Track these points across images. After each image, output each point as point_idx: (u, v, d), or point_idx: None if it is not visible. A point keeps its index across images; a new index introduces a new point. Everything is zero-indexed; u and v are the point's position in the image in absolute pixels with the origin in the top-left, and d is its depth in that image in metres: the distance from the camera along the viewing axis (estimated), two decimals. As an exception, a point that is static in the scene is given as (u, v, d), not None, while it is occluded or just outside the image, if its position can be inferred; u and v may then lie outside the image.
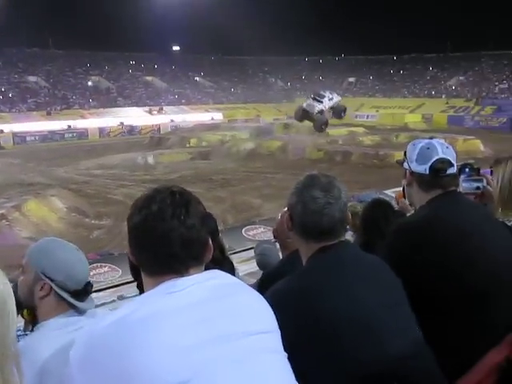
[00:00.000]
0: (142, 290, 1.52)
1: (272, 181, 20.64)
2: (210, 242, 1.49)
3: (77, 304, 1.95)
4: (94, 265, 8.47)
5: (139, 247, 1.43)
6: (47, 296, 1.93)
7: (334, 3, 75.52)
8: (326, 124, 30.91)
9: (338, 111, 32.49)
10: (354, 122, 47.48)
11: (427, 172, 2.31)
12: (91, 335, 1.33)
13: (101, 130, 46.57)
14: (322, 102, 32.07)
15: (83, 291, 1.97)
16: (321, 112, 31.64)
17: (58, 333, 1.85)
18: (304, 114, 32.23)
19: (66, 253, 1.98)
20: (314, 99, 32.69)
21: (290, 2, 72.59)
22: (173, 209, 1.40)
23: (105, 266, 8.39)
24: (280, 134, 35.40)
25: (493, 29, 64.74)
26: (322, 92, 34.29)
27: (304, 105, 32.88)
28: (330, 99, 32.76)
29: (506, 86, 60.08)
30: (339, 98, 34.45)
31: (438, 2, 70.56)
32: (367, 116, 56.17)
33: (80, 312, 1.97)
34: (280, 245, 3.20)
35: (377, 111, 58.27)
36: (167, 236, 1.38)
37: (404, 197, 2.66)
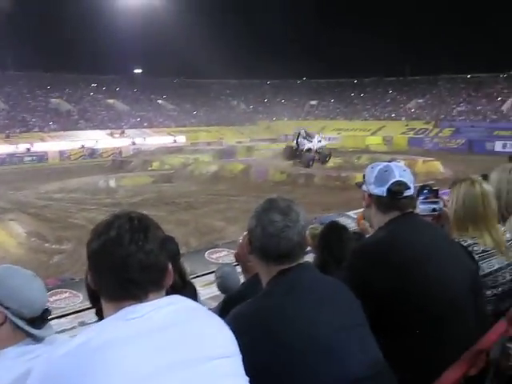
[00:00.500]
0: (100, 317, 1.51)
1: (235, 203, 20.60)
2: (170, 266, 1.48)
3: (34, 332, 1.91)
4: (55, 290, 8.29)
5: (98, 273, 1.43)
6: (2, 324, 1.89)
7: (295, 28, 76.65)
8: (313, 161, 31.64)
9: (323, 156, 33.04)
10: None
11: (385, 194, 2.36)
12: (48, 364, 1.30)
13: (61, 153, 45.71)
14: (311, 142, 33.04)
15: (40, 318, 1.94)
16: (309, 150, 32.44)
17: (14, 362, 1.81)
18: (293, 152, 32.91)
19: (20, 280, 1.95)
20: (305, 138, 33.62)
21: (251, 27, 73.46)
22: (131, 234, 1.40)
23: (65, 292, 8.22)
24: (243, 156, 35.54)
25: (449, 53, 66.69)
26: (312, 133, 35.45)
27: (295, 141, 33.80)
28: (318, 141, 33.68)
29: (464, 108, 61.70)
30: (326, 143, 35.39)
31: (396, 27, 72.37)
32: (329, 138, 56.75)
33: (38, 340, 1.93)
34: (242, 268, 3.20)
35: (338, 134, 59.02)
36: (125, 261, 1.38)
37: (365, 219, 2.70)
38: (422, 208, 2.86)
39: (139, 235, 1.41)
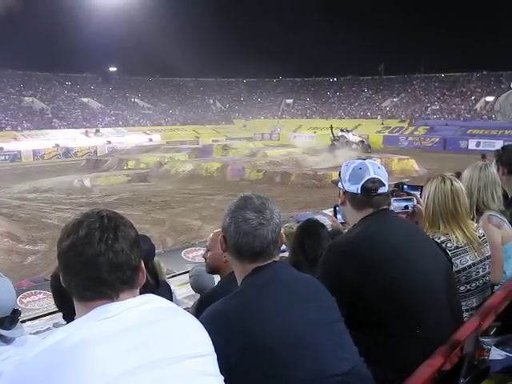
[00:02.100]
0: (68, 320, 1.48)
1: (211, 202, 20.59)
2: (143, 265, 1.47)
3: (3, 333, 1.87)
4: (29, 292, 8.21)
5: (68, 272, 1.40)
6: None
7: (271, 27, 76.75)
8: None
9: (365, 147, 39.95)
10: (292, 143, 48.14)
11: (359, 191, 2.37)
12: (20, 366, 1.28)
13: (35, 153, 45.29)
14: (347, 132, 40.77)
15: (9, 319, 1.90)
16: (347, 143, 38.72)
17: (-17, 364, 1.77)
18: (336, 147, 37.47)
19: None
20: (341, 131, 41.58)
21: (227, 26, 73.39)
22: (100, 233, 1.38)
23: (40, 293, 8.15)
24: (219, 155, 35.56)
25: (424, 52, 67.45)
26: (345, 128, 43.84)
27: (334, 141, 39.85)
28: (353, 134, 41.36)
29: (438, 107, 62.42)
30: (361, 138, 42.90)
31: (371, 27, 72.98)
32: (305, 137, 57.04)
33: (7, 341, 1.89)
34: (211, 267, 3.18)
35: (315, 132, 59.27)
36: (95, 261, 1.36)
37: (335, 216, 2.71)
38: (395, 205, 2.88)
39: (109, 234, 1.38)
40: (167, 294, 3.21)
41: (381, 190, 2.37)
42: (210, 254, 3.17)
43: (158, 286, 3.09)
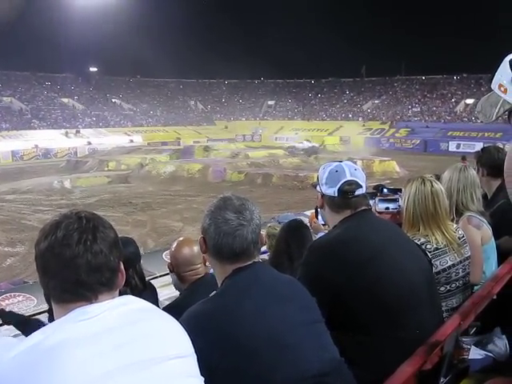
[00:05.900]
0: (52, 318, 1.46)
1: (193, 203, 20.53)
2: (122, 267, 1.45)
3: None
4: (8, 294, 8.11)
5: (46, 275, 1.38)
6: None
7: (253, 28, 76.92)
8: None
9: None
10: (273, 145, 48.21)
11: (336, 194, 2.39)
12: None
13: (14, 153, 44.76)
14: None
15: None
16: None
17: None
18: None
19: None
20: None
21: (208, 27, 73.35)
22: (79, 234, 1.36)
23: (19, 296, 8.06)
24: (200, 156, 35.50)
25: (405, 55, 68.01)
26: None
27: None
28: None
29: (419, 109, 63.00)
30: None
31: (353, 29, 73.40)
32: (287, 138, 57.17)
33: None
34: (177, 277, 3.15)
35: (296, 134, 59.42)
36: (73, 262, 1.35)
37: (317, 217, 2.72)
38: (380, 206, 2.90)
39: (87, 235, 1.37)
40: (153, 296, 3.18)
41: (358, 192, 2.39)
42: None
43: (145, 288, 3.06)
